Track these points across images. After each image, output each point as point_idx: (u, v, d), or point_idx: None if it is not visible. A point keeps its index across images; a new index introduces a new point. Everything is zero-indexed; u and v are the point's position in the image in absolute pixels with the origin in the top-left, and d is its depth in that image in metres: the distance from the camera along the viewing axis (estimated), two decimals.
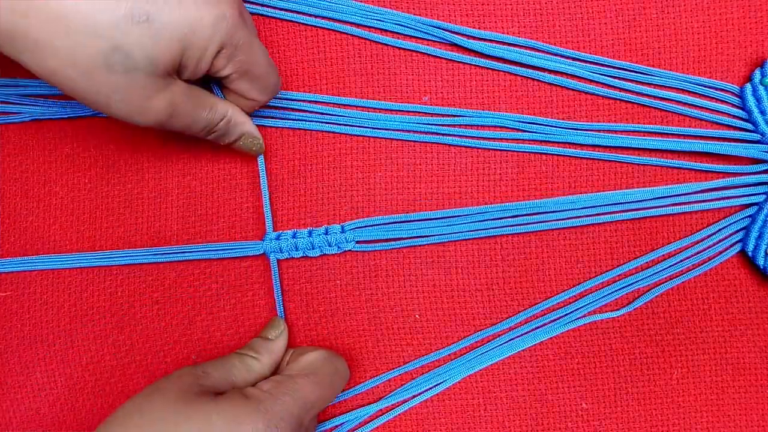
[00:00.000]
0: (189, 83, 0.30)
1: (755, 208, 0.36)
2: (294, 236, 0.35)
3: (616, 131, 0.36)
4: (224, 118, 0.32)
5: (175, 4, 0.26)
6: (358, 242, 0.36)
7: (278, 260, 0.36)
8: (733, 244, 0.37)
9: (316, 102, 0.36)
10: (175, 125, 0.30)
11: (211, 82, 0.32)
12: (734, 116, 0.36)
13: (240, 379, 0.31)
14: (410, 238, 0.36)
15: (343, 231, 0.36)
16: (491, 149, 0.37)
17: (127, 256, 0.36)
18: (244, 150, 0.34)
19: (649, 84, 0.36)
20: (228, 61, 0.29)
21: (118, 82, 0.26)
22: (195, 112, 0.30)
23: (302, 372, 0.32)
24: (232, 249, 0.36)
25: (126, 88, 0.27)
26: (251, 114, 0.34)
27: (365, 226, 0.36)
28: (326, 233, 0.35)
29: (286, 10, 0.36)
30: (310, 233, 0.35)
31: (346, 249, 0.36)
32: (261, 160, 0.35)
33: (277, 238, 0.35)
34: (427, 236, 0.36)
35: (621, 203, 0.36)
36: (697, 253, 0.37)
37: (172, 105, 0.28)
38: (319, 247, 0.35)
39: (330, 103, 0.36)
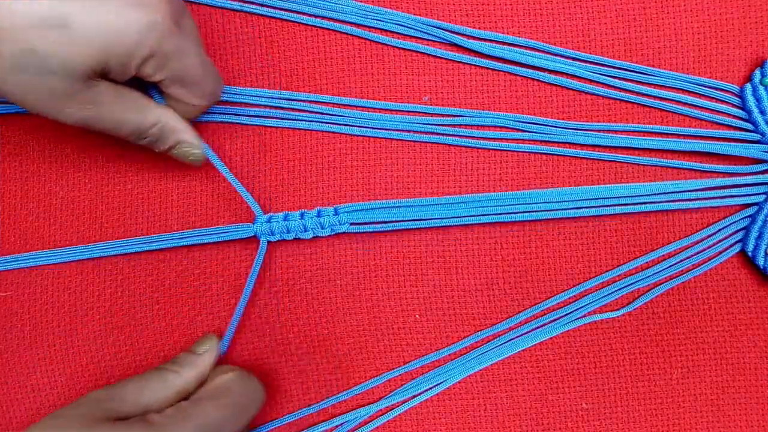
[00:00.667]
0: (118, 84, 0.28)
1: (755, 208, 0.36)
2: (285, 218, 0.35)
3: (616, 131, 0.36)
4: (157, 124, 0.30)
5: (97, 9, 0.25)
6: (352, 224, 0.35)
7: (278, 260, 0.36)
8: (733, 244, 0.37)
9: (316, 102, 0.36)
10: (99, 127, 0.28)
11: (146, 85, 0.31)
12: (734, 116, 0.36)
13: (153, 399, 0.30)
14: (406, 221, 0.35)
15: (336, 213, 0.35)
16: (491, 149, 0.37)
17: (117, 247, 0.36)
18: (180, 159, 0.32)
19: (648, 84, 0.36)
20: (157, 70, 0.28)
21: (30, 83, 0.25)
22: (122, 116, 0.29)
23: (209, 395, 0.30)
24: (222, 232, 0.35)
25: (40, 90, 0.26)
26: (196, 119, 0.32)
27: (359, 210, 0.35)
28: (318, 215, 0.35)
29: (286, 10, 0.36)
30: (302, 215, 0.35)
31: (340, 231, 0.35)
32: (209, 152, 0.33)
33: (269, 220, 0.35)
34: (422, 219, 0.35)
35: (621, 197, 0.36)
36: (697, 253, 0.37)
37: (93, 107, 0.27)
38: (312, 229, 0.35)
39: (330, 103, 0.36)
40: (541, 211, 0.36)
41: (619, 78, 0.36)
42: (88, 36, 0.25)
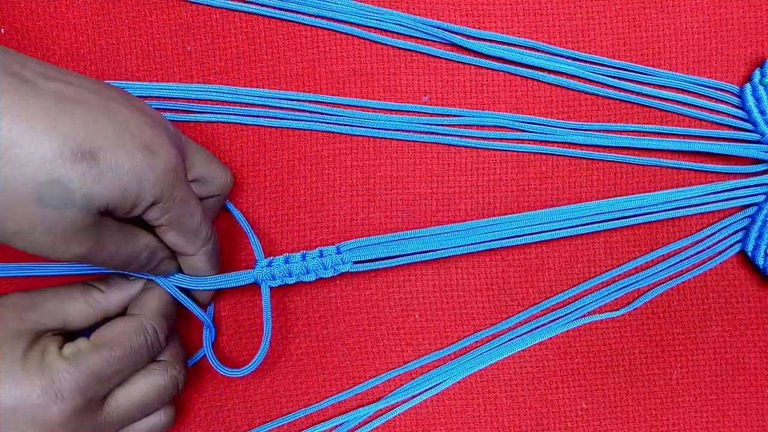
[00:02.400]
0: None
1: (755, 208, 0.36)
2: (287, 261, 0.33)
3: (616, 131, 0.36)
4: (147, 249, 0.30)
5: (125, 147, 0.25)
6: (355, 263, 0.34)
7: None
8: (733, 244, 0.37)
9: (316, 102, 0.36)
10: (96, 260, 0.28)
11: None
12: (734, 116, 0.36)
13: (74, 313, 0.29)
14: (408, 255, 0.34)
15: (339, 252, 0.33)
16: (491, 149, 0.37)
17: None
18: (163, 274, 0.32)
19: (648, 84, 0.36)
20: (162, 214, 0.28)
21: (45, 216, 0.24)
22: (117, 249, 0.28)
23: (106, 342, 0.29)
24: (222, 281, 0.33)
25: (54, 223, 0.25)
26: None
27: (362, 246, 0.34)
28: (321, 255, 0.33)
29: (285, 10, 0.36)
30: (303, 257, 0.34)
31: (343, 271, 0.33)
32: (230, 206, 0.35)
33: (269, 264, 0.33)
34: (426, 252, 0.34)
35: (622, 210, 0.35)
36: (697, 253, 0.37)
37: (96, 241, 0.27)
38: (314, 270, 0.33)
39: (330, 103, 0.36)
40: (546, 231, 0.35)
41: (619, 78, 0.36)
42: (115, 173, 0.25)
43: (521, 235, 0.35)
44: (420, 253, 0.34)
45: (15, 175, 0.23)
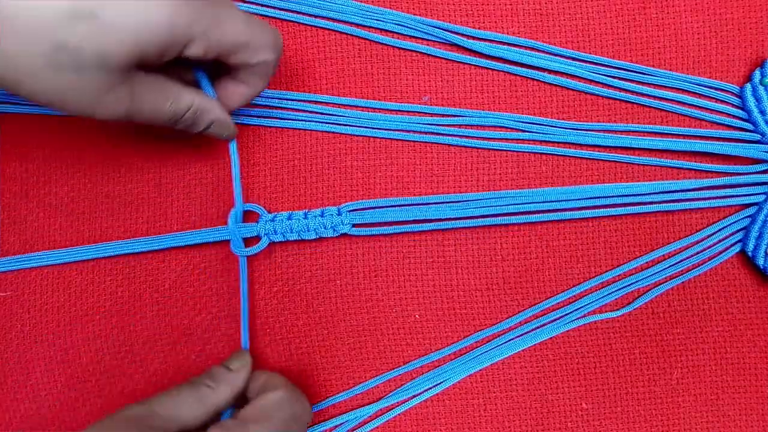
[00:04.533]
0: (153, 72, 0.28)
1: (755, 208, 0.36)
2: (289, 218, 0.35)
3: (616, 131, 0.36)
4: (190, 108, 0.29)
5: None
6: (354, 225, 0.35)
7: (278, 260, 0.36)
8: (733, 244, 0.37)
9: (316, 102, 0.36)
10: (137, 118, 0.28)
11: (195, 67, 0.31)
12: (734, 116, 0.36)
13: (190, 414, 0.30)
14: (408, 222, 0.35)
15: (339, 213, 0.35)
16: (491, 149, 0.37)
17: (118, 247, 0.36)
18: (214, 136, 0.32)
19: (649, 84, 0.36)
20: (205, 49, 0.27)
21: (68, 81, 0.24)
22: (157, 105, 0.28)
23: (255, 417, 0.30)
24: (225, 232, 0.35)
25: (78, 87, 0.25)
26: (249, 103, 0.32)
27: (363, 209, 0.35)
28: (322, 215, 0.35)
29: (286, 10, 0.36)
30: (305, 215, 0.35)
31: (343, 232, 0.35)
32: (233, 145, 0.34)
33: (273, 219, 0.35)
34: (425, 221, 0.35)
35: (621, 196, 0.36)
36: (697, 253, 0.37)
37: (131, 99, 0.26)
38: (315, 229, 0.35)
39: (330, 103, 0.36)
40: (546, 211, 0.36)
41: (619, 78, 0.36)
42: (118, 26, 0.24)
43: (523, 213, 0.36)
44: (419, 222, 0.35)
45: (24, 46, 0.23)
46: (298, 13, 0.36)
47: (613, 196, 0.36)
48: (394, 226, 0.36)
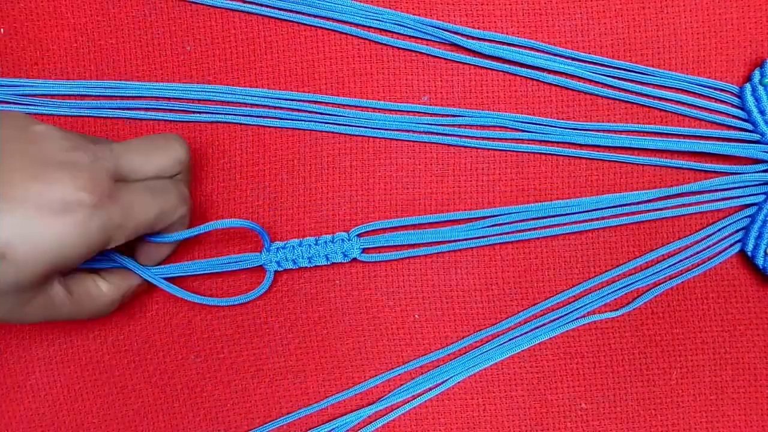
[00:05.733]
0: (70, 274, 0.29)
1: (755, 208, 0.36)
2: (300, 245, 0.35)
3: (616, 131, 0.36)
4: (114, 300, 0.31)
5: (30, 231, 0.24)
6: (364, 250, 0.35)
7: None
8: (733, 244, 0.37)
9: (315, 102, 0.36)
10: (62, 319, 0.29)
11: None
12: (733, 116, 0.36)
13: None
14: (417, 246, 0.35)
15: (349, 239, 0.35)
16: (491, 149, 0.37)
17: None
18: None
19: (648, 84, 0.36)
20: (119, 241, 0.28)
21: None
22: (78, 307, 0.29)
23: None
24: (233, 262, 0.35)
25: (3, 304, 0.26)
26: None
27: (371, 232, 0.35)
28: (332, 241, 0.35)
29: (285, 10, 0.36)
30: (316, 242, 0.35)
31: (353, 257, 0.35)
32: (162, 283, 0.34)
33: (284, 247, 0.35)
34: (435, 243, 0.35)
35: (622, 206, 0.36)
36: (697, 253, 0.37)
37: (51, 306, 0.27)
38: (326, 255, 0.35)
39: (329, 103, 0.36)
40: (551, 226, 0.36)
41: (619, 78, 0.36)
42: (31, 260, 0.25)
43: (529, 230, 0.36)
44: (428, 245, 0.35)
45: None
46: (298, 13, 0.36)
47: (614, 207, 0.36)
48: (403, 250, 0.36)
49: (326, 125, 0.36)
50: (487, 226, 0.36)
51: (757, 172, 0.36)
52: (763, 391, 0.37)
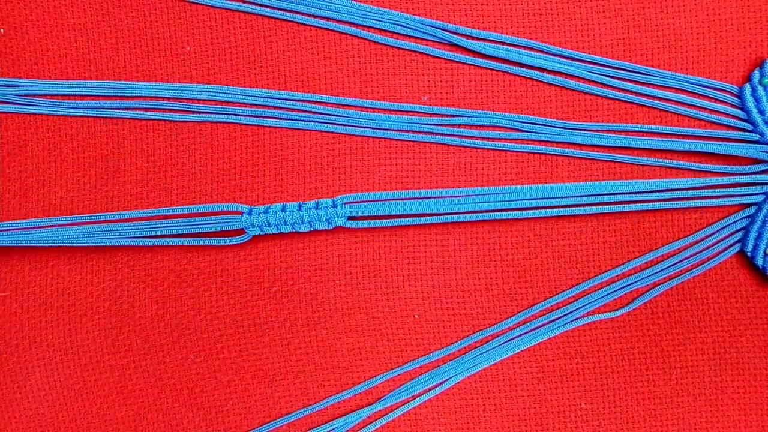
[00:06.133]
0: None
1: (754, 208, 0.36)
2: (283, 209, 0.34)
3: (615, 131, 0.36)
4: None
5: None
6: (350, 218, 0.35)
7: (277, 260, 0.36)
8: (732, 245, 0.37)
9: (315, 102, 0.36)
10: None
11: None
12: (733, 116, 0.36)
13: None
14: (404, 216, 0.35)
15: (335, 205, 0.34)
16: (490, 149, 0.37)
17: (110, 232, 0.35)
18: None
19: (648, 84, 0.36)
20: None
21: None
22: None
23: None
24: (212, 223, 0.34)
25: None
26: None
27: (359, 201, 0.35)
28: (317, 207, 0.34)
29: (284, 10, 0.36)
30: (299, 207, 0.34)
31: (338, 225, 0.35)
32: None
33: (266, 211, 0.34)
34: (422, 215, 0.35)
35: (620, 194, 0.36)
36: (697, 253, 0.37)
37: None
38: (309, 221, 0.34)
39: (329, 103, 0.36)
40: (544, 207, 0.35)
41: (619, 78, 0.36)
42: None
43: (520, 209, 0.35)
44: (415, 216, 0.35)
45: None
46: (298, 13, 0.36)
47: (612, 194, 0.36)
48: (389, 219, 0.35)
49: (326, 125, 0.36)
50: (479, 202, 0.35)
51: (756, 172, 0.36)
52: (763, 391, 0.37)
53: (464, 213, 0.35)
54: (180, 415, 0.37)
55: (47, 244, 0.35)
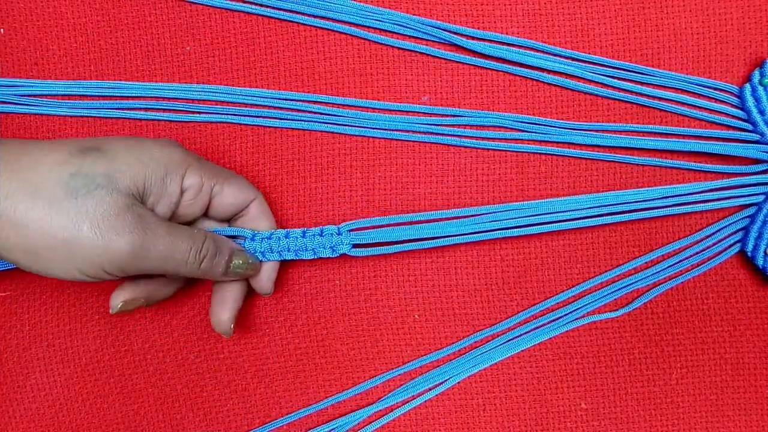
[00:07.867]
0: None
1: (754, 208, 0.36)
2: (287, 236, 0.33)
3: (615, 131, 0.36)
4: (206, 239, 0.31)
5: (125, 143, 0.29)
6: (354, 246, 0.34)
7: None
8: (733, 245, 0.37)
9: (315, 102, 0.36)
10: (151, 257, 0.28)
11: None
12: (733, 116, 0.36)
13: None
14: (408, 241, 0.34)
15: (339, 233, 0.34)
16: (491, 149, 0.37)
17: None
18: (240, 275, 0.33)
19: (648, 84, 0.36)
20: (199, 178, 0.31)
21: (83, 206, 0.27)
22: (173, 242, 0.29)
23: None
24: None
25: (94, 209, 0.27)
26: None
27: (362, 228, 0.34)
28: (321, 234, 0.34)
29: (284, 10, 0.36)
30: (303, 234, 0.34)
31: (342, 252, 0.34)
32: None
33: (269, 237, 0.33)
34: (425, 239, 0.34)
35: (621, 204, 0.36)
36: (697, 253, 0.37)
37: (143, 232, 0.28)
38: (313, 249, 0.34)
39: (329, 103, 0.36)
40: (548, 223, 0.35)
41: (619, 78, 0.36)
42: (120, 157, 0.29)
43: (522, 226, 0.35)
44: (419, 240, 0.34)
45: (46, 176, 0.27)
46: (297, 13, 0.36)
47: (615, 204, 0.35)
48: (394, 245, 0.34)
49: (326, 125, 0.36)
50: (483, 222, 0.35)
51: (756, 172, 0.36)
52: (763, 391, 0.37)
53: (470, 234, 0.34)
54: (180, 415, 0.37)
55: None
